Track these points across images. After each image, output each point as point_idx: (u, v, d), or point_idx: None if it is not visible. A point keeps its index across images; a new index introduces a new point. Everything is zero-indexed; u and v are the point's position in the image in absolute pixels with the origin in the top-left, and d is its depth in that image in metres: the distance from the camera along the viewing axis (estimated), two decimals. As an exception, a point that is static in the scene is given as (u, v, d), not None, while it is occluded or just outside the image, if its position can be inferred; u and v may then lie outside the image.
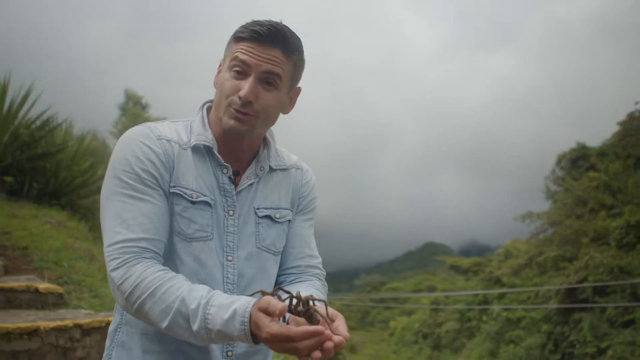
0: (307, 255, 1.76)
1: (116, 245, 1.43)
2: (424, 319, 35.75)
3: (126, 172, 1.49)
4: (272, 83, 1.55)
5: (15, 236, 6.54)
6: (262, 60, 1.52)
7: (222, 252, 1.58)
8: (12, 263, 5.69)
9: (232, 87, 1.53)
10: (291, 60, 1.58)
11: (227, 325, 1.29)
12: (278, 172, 1.73)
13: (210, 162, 1.61)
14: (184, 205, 1.53)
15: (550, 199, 28.69)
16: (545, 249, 24.41)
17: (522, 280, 25.11)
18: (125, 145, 1.53)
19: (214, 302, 1.33)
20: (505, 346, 23.37)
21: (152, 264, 1.43)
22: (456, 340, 29.50)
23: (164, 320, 1.36)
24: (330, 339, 1.23)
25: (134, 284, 1.39)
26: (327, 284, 1.79)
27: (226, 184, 1.61)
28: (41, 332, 3.57)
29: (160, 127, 1.60)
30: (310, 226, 1.81)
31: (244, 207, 1.63)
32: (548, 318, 21.62)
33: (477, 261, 34.38)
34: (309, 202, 1.81)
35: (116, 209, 1.47)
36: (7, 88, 9.25)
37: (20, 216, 7.72)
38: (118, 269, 1.42)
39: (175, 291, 1.36)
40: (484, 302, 27.11)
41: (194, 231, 1.54)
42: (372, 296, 53.07)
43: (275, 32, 1.52)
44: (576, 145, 28.71)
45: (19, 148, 9.20)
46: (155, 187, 1.50)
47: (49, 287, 4.62)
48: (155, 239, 1.47)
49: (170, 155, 1.54)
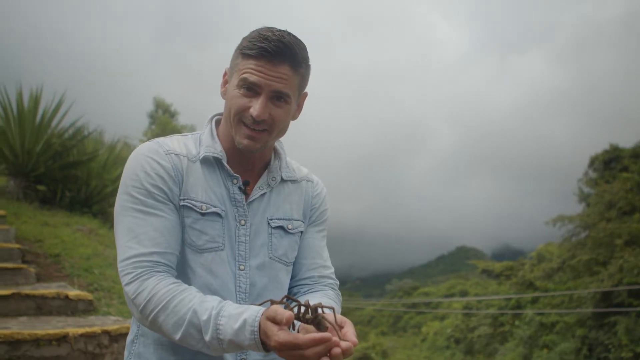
0: (320, 265, 1.78)
1: (129, 260, 1.47)
2: (456, 323, 35.40)
3: (136, 187, 1.53)
4: (282, 99, 1.57)
5: (47, 244, 6.67)
6: (272, 80, 1.53)
7: (234, 261, 1.61)
8: (44, 270, 5.80)
9: (243, 105, 1.55)
10: (299, 73, 1.60)
11: (237, 335, 1.32)
12: (289, 184, 1.76)
13: (220, 173, 1.64)
14: (194, 217, 1.57)
15: (583, 202, 28.27)
16: (579, 253, 24.04)
17: (555, 284, 24.74)
18: (135, 161, 1.57)
19: (224, 313, 1.35)
20: (539, 351, 23.05)
21: (165, 278, 1.46)
22: (489, 345, 29.18)
23: (177, 332, 1.40)
24: (337, 345, 1.24)
25: (147, 298, 1.43)
26: (340, 293, 1.81)
27: (237, 194, 1.63)
28: (70, 338, 3.65)
29: (169, 141, 1.64)
30: (322, 237, 1.84)
31: (256, 216, 1.66)
32: (582, 322, 21.28)
33: (510, 265, 33.93)
34: (320, 213, 1.83)
35: (128, 224, 1.51)
36: (40, 99, 9.46)
37: (52, 224, 7.87)
38: (132, 283, 1.46)
39: (187, 303, 1.40)
40: (516, 306, 26.77)
41: (205, 242, 1.57)
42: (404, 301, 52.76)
43: (283, 47, 1.53)
44: (609, 147, 28.26)
45: (51, 157, 9.39)
46: (165, 202, 1.54)
47: (79, 294, 4.70)
48: (167, 252, 1.50)
49: (179, 169, 1.58)
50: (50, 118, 9.52)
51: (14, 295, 4.32)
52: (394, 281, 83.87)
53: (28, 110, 9.30)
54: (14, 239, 6.16)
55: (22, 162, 9.11)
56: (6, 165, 9.45)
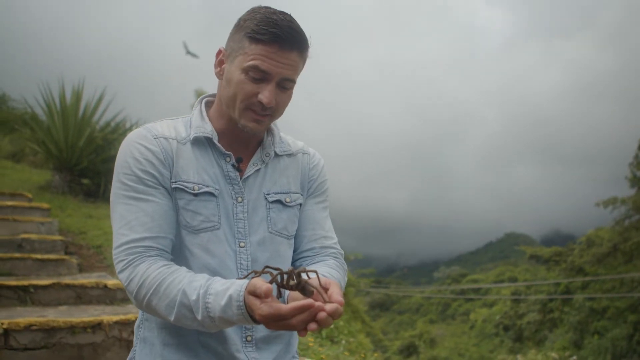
0: (321, 236, 1.76)
1: (121, 247, 1.48)
2: (504, 310, 35.04)
3: (126, 174, 1.53)
4: (287, 86, 1.57)
5: (90, 235, 6.82)
6: (282, 67, 1.52)
7: (234, 239, 1.61)
8: (86, 261, 5.93)
9: (251, 92, 1.53)
10: (303, 59, 1.59)
11: (225, 311, 1.32)
12: (285, 158, 1.75)
13: (212, 152, 1.63)
14: (186, 198, 1.57)
15: (635, 186, 27.55)
16: (632, 235, 23.48)
17: (606, 269, 24.23)
18: (124, 148, 1.58)
19: (211, 291, 1.36)
20: (590, 337, 22.65)
21: (155, 261, 1.47)
22: (538, 332, 28.78)
23: (171, 314, 1.41)
24: (322, 310, 1.23)
25: (139, 283, 1.44)
26: (346, 264, 1.79)
27: (231, 172, 1.63)
28: (105, 325, 3.71)
29: (157, 126, 1.63)
30: (323, 208, 1.82)
31: (252, 193, 1.66)
32: (634, 307, 20.82)
33: (559, 250, 33.24)
34: (319, 184, 1.81)
35: (120, 211, 1.52)
36: (82, 94, 9.67)
37: (95, 216, 8.04)
38: (124, 271, 1.47)
39: (177, 284, 1.40)
40: (566, 292, 26.34)
41: (200, 222, 1.57)
42: (452, 288, 52.41)
43: (294, 33, 1.51)
44: (660, 128, 27.46)
45: (94, 151, 9.58)
46: (156, 186, 1.54)
47: (118, 284, 4.77)
48: (159, 237, 1.51)
49: (168, 152, 1.58)
50: (92, 113, 9.73)
51: (54, 285, 4.42)
52: (442, 269, 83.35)
53: (70, 106, 9.52)
54: (57, 231, 6.30)
55: (66, 156, 9.33)
56: (51, 160, 9.69)
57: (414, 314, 57.24)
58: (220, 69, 1.63)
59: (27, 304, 4.24)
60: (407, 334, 37.55)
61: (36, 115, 9.65)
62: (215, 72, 1.65)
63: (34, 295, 4.31)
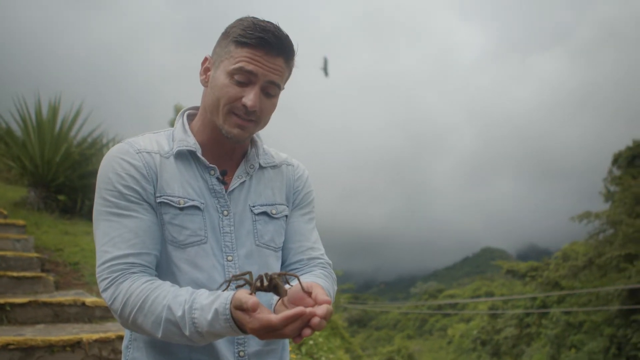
0: (307, 248, 1.75)
1: (105, 265, 1.46)
2: (482, 325, 35.16)
3: (109, 190, 1.51)
4: (272, 92, 1.56)
5: (67, 252, 6.71)
6: (268, 70, 1.52)
7: (221, 253, 1.59)
8: (63, 279, 5.83)
9: (235, 95, 1.52)
10: (289, 67, 1.59)
11: (212, 325, 1.31)
12: (269, 170, 1.74)
13: (196, 166, 1.62)
14: (172, 213, 1.54)
15: (608, 200, 27.89)
16: (606, 250, 23.73)
17: (582, 282, 24.45)
18: (106, 163, 1.55)
19: (196, 305, 1.34)
20: (567, 351, 22.79)
21: (139, 278, 1.44)
22: (515, 347, 28.90)
23: (157, 330, 1.39)
24: (314, 315, 1.23)
25: (122, 301, 1.41)
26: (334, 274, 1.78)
27: (215, 185, 1.61)
28: (84, 344, 3.64)
29: (140, 140, 1.61)
30: (309, 220, 1.81)
31: (238, 206, 1.64)
32: (610, 321, 21.00)
33: (535, 265, 33.49)
34: (304, 196, 1.80)
35: (103, 228, 1.49)
36: (58, 108, 9.55)
37: (72, 233, 7.92)
38: (108, 289, 1.44)
39: (162, 300, 1.38)
40: (542, 306, 26.51)
41: (187, 237, 1.55)
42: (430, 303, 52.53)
43: (281, 39, 1.52)
44: (632, 144, 27.91)
45: (70, 167, 9.45)
46: (139, 202, 1.51)
47: (96, 301, 4.71)
48: (142, 253, 1.48)
49: (151, 167, 1.56)
50: (69, 128, 9.60)
51: (31, 303, 4.33)
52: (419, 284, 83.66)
53: (47, 121, 9.38)
54: (33, 248, 6.20)
55: (42, 172, 9.18)
56: (27, 176, 9.54)
57: (392, 330, 57.22)
58: (205, 76, 1.62)
59: (4, 322, 4.15)
60: (385, 349, 37.47)
61: (11, 130, 9.49)
62: (201, 79, 1.64)
63: (10, 314, 4.22)
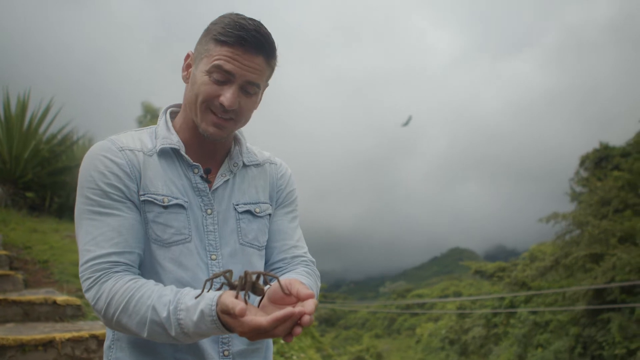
0: (291, 246, 1.75)
1: (87, 264, 1.43)
2: (450, 325, 35.40)
3: (91, 188, 1.49)
4: (252, 91, 1.55)
5: (36, 250, 6.60)
6: (247, 70, 1.50)
7: (205, 252, 1.58)
8: (32, 277, 5.73)
9: (213, 93, 1.51)
10: (270, 66, 1.58)
11: (198, 326, 1.30)
12: (252, 168, 1.74)
13: (179, 164, 1.60)
14: (156, 211, 1.53)
15: (575, 201, 28.30)
16: (572, 250, 24.07)
17: (549, 282, 24.78)
18: (88, 161, 1.53)
19: (181, 306, 1.33)
20: (533, 350, 23.07)
21: (122, 277, 1.42)
22: (483, 346, 29.19)
23: (143, 330, 1.37)
24: (303, 313, 1.22)
25: (106, 301, 1.39)
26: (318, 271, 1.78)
27: (199, 183, 1.60)
28: (57, 343, 3.59)
29: (122, 138, 1.59)
30: (293, 218, 1.81)
31: (222, 204, 1.63)
32: (576, 320, 21.29)
33: (502, 266, 33.85)
34: (287, 194, 1.81)
35: (86, 227, 1.47)
36: (27, 104, 9.38)
37: (41, 230, 7.80)
38: (91, 289, 1.42)
39: (146, 300, 1.36)
40: (510, 306, 26.80)
41: (171, 235, 1.53)
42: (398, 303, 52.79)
43: (261, 38, 1.50)
44: (599, 146, 28.36)
45: (39, 164, 9.31)
46: (122, 200, 1.50)
47: (67, 300, 4.63)
48: (125, 252, 1.46)
49: (135, 165, 1.54)
50: (38, 124, 9.45)
51: (1, 302, 4.25)
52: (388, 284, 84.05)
53: (15, 116, 9.23)
54: (0, 246, 6.09)
55: (10, 168, 9.03)
56: (-6, 173, 9.37)
57: (360, 329, 57.37)
58: (187, 72, 1.61)
59: (-28, 321, 4.06)
60: (354, 349, 37.52)
61: (-22, 125, 9.31)
62: (182, 75, 1.63)
63: (-21, 313, 4.13)
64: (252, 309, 1.27)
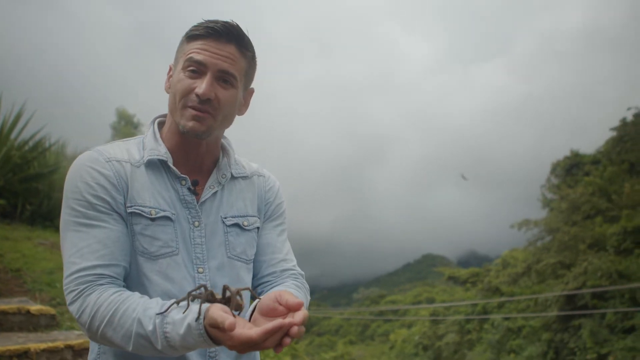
0: (280, 260, 1.74)
1: (72, 277, 1.41)
2: (423, 331, 35.54)
3: (77, 200, 1.47)
4: (228, 81, 1.54)
5: (7, 258, 6.49)
6: (218, 58, 1.51)
7: (192, 264, 1.56)
8: (4, 285, 5.63)
9: (188, 87, 1.51)
10: (245, 57, 1.57)
11: (185, 339, 1.28)
12: (240, 180, 1.73)
13: (167, 176, 1.59)
14: (144, 223, 1.51)
15: (546, 207, 28.68)
16: (543, 257, 24.37)
17: (521, 288, 25.03)
18: (74, 172, 1.51)
19: (167, 319, 1.31)
20: (507, 356, 23.26)
21: (107, 289, 1.40)
22: (457, 352, 29.35)
23: (128, 344, 1.35)
24: (293, 324, 1.22)
25: (90, 314, 1.37)
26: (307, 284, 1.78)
27: (187, 195, 1.59)
28: (32, 354, 3.53)
29: (109, 148, 1.58)
30: (281, 232, 1.80)
31: (210, 216, 1.62)
32: (548, 326, 21.54)
33: (475, 271, 34.16)
34: (275, 207, 1.80)
35: (71, 238, 1.45)
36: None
37: (13, 238, 7.67)
38: (75, 302, 1.40)
39: (131, 313, 1.34)
40: (483, 312, 27.00)
41: (158, 248, 1.52)
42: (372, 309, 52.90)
43: (230, 27, 1.52)
44: (570, 154, 28.79)
45: (11, 170, 9.14)
46: (108, 212, 1.48)
47: (41, 309, 4.57)
48: (111, 265, 1.44)
49: (122, 176, 1.52)
50: (9, 129, 9.29)
51: (-27, 312, 4.18)
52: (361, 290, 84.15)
53: (-14, 122, 9.07)
54: (-28, 254, 5.98)
55: (-20, 175, 8.87)
56: (-37, 179, 9.20)
57: (334, 336, 57.33)
58: (168, 84, 1.60)
59: (-56, 332, 3.98)
60: (328, 355, 37.50)
61: (-53, 131, 9.14)
62: (165, 87, 1.62)
63: (-49, 323, 4.05)
64: (241, 321, 1.26)
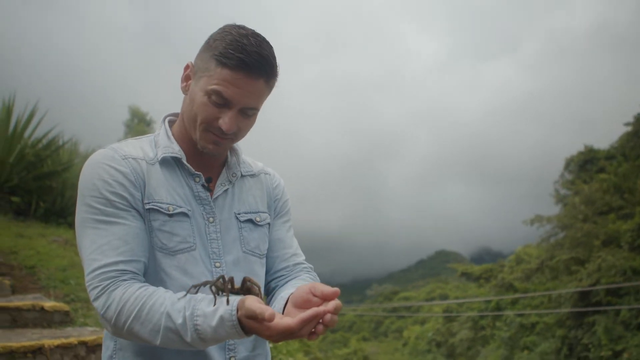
0: (291, 254, 1.80)
1: (94, 273, 1.43)
2: (437, 327, 35.48)
3: (95, 197, 1.48)
4: (250, 113, 1.56)
5: (22, 255, 6.55)
6: (246, 96, 1.50)
7: (209, 259, 1.59)
8: (19, 282, 5.68)
9: (212, 115, 1.52)
10: (270, 86, 1.57)
11: (217, 331, 1.31)
12: (248, 178, 1.77)
13: (180, 173, 1.62)
14: (162, 219, 1.53)
15: (560, 203, 28.48)
16: (557, 253, 24.22)
17: (535, 285, 24.91)
18: (91, 170, 1.52)
19: (197, 312, 1.33)
20: (520, 352, 23.18)
21: (131, 285, 1.42)
22: (470, 349, 29.28)
23: (156, 338, 1.37)
24: (326, 313, 1.28)
25: (117, 310, 1.38)
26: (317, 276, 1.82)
27: (201, 192, 1.62)
28: (46, 350, 3.56)
29: (124, 146, 1.59)
30: (289, 227, 1.86)
31: (223, 213, 1.65)
32: (562, 322, 21.44)
33: (489, 268, 34.02)
34: (283, 204, 1.85)
35: (90, 236, 1.46)
36: (12, 109, 9.30)
37: (27, 236, 7.74)
38: (99, 298, 1.41)
39: (159, 307, 1.36)
40: (496, 309, 26.91)
41: (177, 243, 1.54)
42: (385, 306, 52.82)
43: (262, 60, 1.48)
44: (584, 149, 28.58)
45: (25, 168, 9.23)
46: (126, 209, 1.49)
47: (55, 306, 4.60)
48: (132, 260, 1.46)
49: (139, 173, 1.54)
50: (23, 128, 9.38)
51: (-12, 308, 4.22)
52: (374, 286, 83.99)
53: (0, 120, 9.15)
54: (-13, 251, 6.03)
55: (-5, 173, 8.95)
56: (-21, 177, 9.28)
57: (347, 332, 57.33)
58: (186, 84, 1.61)
59: (-41, 328, 4.02)
60: (341, 352, 37.53)
61: (-37, 130, 9.22)
62: (181, 87, 1.63)
63: (-34, 319, 4.09)
64: (274, 312, 1.29)
